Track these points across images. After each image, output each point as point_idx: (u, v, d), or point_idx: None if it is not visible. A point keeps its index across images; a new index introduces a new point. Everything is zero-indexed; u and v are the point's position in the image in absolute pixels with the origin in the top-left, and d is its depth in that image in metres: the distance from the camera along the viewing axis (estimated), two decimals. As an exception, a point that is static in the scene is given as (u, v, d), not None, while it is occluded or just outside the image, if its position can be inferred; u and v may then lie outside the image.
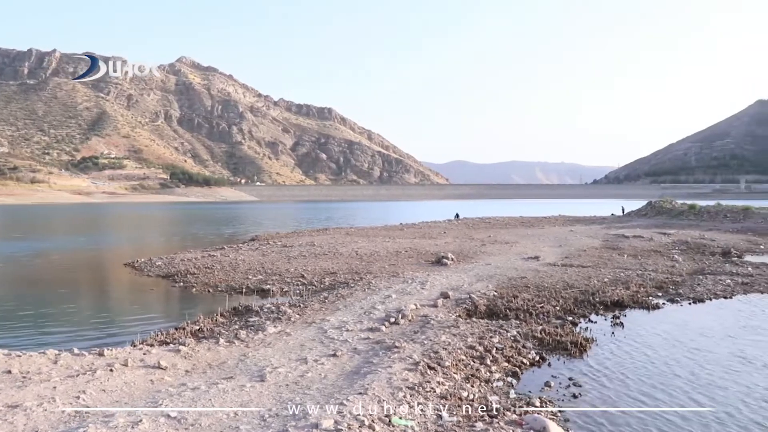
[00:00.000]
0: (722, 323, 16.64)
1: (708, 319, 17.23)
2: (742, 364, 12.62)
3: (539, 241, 36.32)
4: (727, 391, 10.99)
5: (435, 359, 11.33)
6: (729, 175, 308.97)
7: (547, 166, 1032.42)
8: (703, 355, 13.24)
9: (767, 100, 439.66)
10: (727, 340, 14.67)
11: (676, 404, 10.33)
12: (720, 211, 57.13)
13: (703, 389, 11.03)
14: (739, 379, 11.66)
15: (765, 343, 14.54)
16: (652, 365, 12.58)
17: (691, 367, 12.40)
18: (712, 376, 11.84)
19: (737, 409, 10.05)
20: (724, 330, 15.80)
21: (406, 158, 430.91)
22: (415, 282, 20.43)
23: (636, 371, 12.16)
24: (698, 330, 15.79)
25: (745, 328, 16.16)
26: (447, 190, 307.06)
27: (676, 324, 16.55)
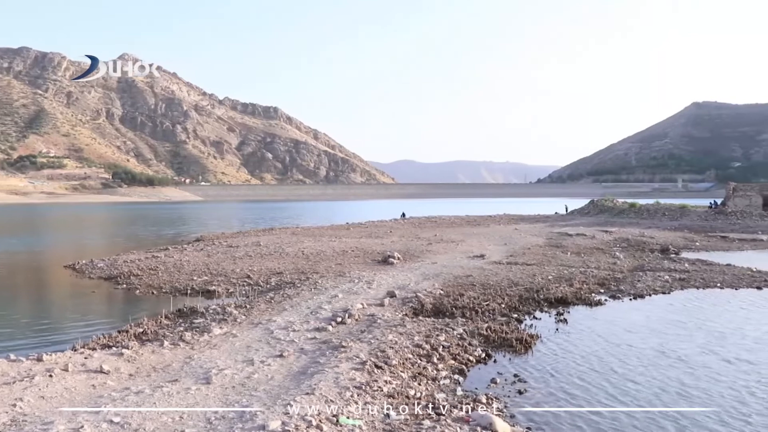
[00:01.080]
0: (661, 319, 17.10)
1: (648, 315, 17.67)
2: (679, 360, 13.00)
3: (485, 239, 36.70)
4: (667, 386, 11.31)
5: (382, 358, 11.36)
6: (667, 174, 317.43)
7: (492, 165, 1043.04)
8: (642, 352, 13.57)
9: (702, 102, 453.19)
10: (666, 336, 15.07)
11: (617, 401, 10.58)
12: (659, 210, 58.65)
13: (642, 386, 11.32)
14: (672, 374, 12.01)
15: (699, 338, 15.00)
16: (595, 361, 12.85)
17: (631, 363, 12.70)
18: (650, 372, 12.16)
19: (672, 406, 10.33)
20: (663, 326, 16.24)
21: (352, 158, 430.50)
22: (362, 281, 20.44)
23: (579, 367, 12.40)
24: (638, 326, 16.18)
25: (684, 323, 16.66)
26: (393, 190, 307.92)
27: (618, 320, 16.94)
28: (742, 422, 9.43)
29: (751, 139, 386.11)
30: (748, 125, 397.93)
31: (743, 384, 11.18)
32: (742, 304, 19.27)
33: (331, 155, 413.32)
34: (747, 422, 9.43)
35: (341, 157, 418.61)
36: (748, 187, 62.40)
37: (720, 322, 16.58)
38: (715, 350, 13.60)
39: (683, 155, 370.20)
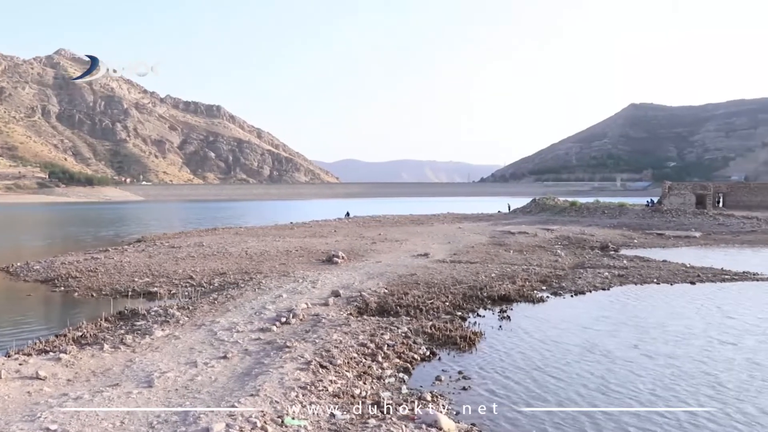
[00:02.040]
0: (601, 315, 17.51)
1: (588, 311, 18.08)
2: (618, 357, 13.35)
3: (429, 238, 36.94)
4: (606, 383, 11.60)
5: (327, 358, 11.35)
6: (606, 173, 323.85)
7: (436, 164, 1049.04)
8: (582, 349, 13.88)
9: (639, 104, 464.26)
10: (605, 333, 15.46)
11: (558, 398, 10.80)
12: (598, 208, 59.85)
13: (583, 383, 11.58)
14: (611, 371, 12.32)
15: (636, 334, 15.41)
16: (537, 358, 13.09)
17: (571, 360, 12.99)
18: (590, 369, 12.46)
19: (611, 402, 10.60)
20: (602, 322, 16.65)
21: (296, 157, 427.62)
22: (306, 281, 20.37)
23: (522, 364, 12.62)
24: (579, 323, 16.54)
25: (622, 319, 17.11)
26: (337, 189, 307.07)
27: (560, 316, 17.28)
28: (669, 420, 9.74)
29: (684, 140, 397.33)
30: (682, 126, 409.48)
31: (680, 381, 11.54)
32: (676, 298, 19.88)
33: (275, 154, 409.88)
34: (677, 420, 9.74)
35: (285, 157, 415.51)
36: (682, 186, 64.22)
37: (656, 318, 17.07)
38: (650, 346, 14.02)
39: (621, 155, 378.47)
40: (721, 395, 10.60)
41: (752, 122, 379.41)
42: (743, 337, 14.67)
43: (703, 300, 19.58)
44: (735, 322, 16.24)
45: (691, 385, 11.12)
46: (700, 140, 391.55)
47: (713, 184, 68.36)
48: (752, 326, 15.81)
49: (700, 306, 18.65)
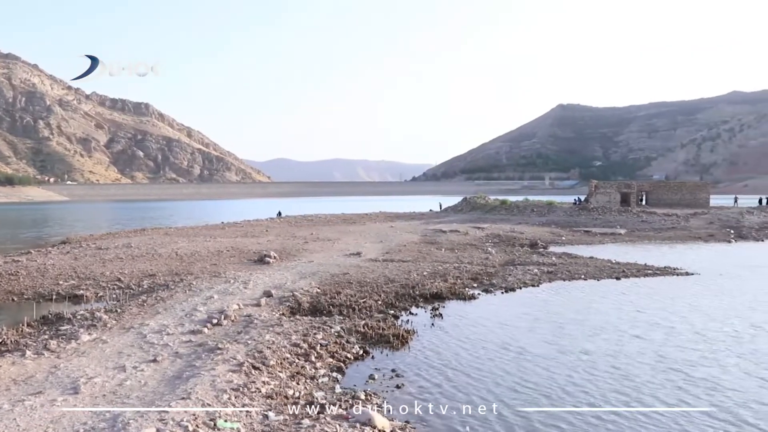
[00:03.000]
0: (530, 311, 17.90)
1: (518, 307, 18.46)
2: (548, 354, 13.67)
3: (361, 237, 37.00)
4: (533, 379, 11.85)
5: (259, 359, 11.27)
6: (536, 172, 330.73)
7: (368, 163, 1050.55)
8: (513, 345, 14.17)
9: (567, 104, 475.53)
10: (534, 329, 15.83)
11: (490, 395, 10.98)
12: (528, 206, 60.91)
13: (513, 381, 11.81)
14: (541, 367, 12.60)
15: (564, 330, 15.81)
16: (469, 355, 13.29)
17: (502, 357, 13.24)
18: (520, 366, 12.72)
19: (538, 401, 10.85)
20: (532, 319, 17.03)
21: (227, 156, 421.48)
22: (238, 281, 20.14)
23: (454, 361, 12.79)
24: (509, 319, 16.88)
25: (550, 314, 17.51)
26: (269, 188, 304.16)
27: (490, 313, 17.58)
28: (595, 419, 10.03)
29: (610, 140, 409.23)
30: (607, 127, 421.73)
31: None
32: (601, 294, 20.47)
33: (206, 153, 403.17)
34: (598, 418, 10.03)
35: (216, 156, 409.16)
36: (608, 185, 66.02)
37: (580, 314, 17.56)
38: (565, 342, 14.43)
39: (550, 154, 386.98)
40: (628, 390, 10.92)
41: (672, 124, 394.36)
42: (653, 331, 15.24)
43: (624, 295, 20.30)
44: (647, 317, 16.88)
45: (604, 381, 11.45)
46: (624, 140, 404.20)
47: (637, 183, 70.56)
48: (662, 320, 16.46)
49: (624, 301, 19.30)
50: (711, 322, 16.23)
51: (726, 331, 15.21)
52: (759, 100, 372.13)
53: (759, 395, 10.67)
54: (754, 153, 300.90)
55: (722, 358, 12.88)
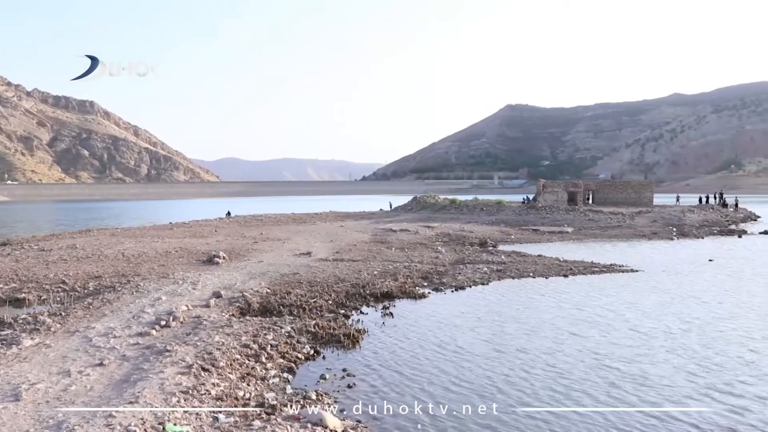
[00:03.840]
0: (479, 310, 18.09)
1: (468, 306, 18.62)
2: (493, 352, 13.86)
3: (311, 237, 36.86)
4: (482, 379, 11.98)
5: (209, 360, 11.14)
6: (485, 171, 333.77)
7: (318, 163, 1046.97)
8: (462, 344, 14.32)
9: (515, 105, 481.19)
10: (481, 328, 16.00)
11: (439, 394, 11.06)
12: (477, 205, 61.41)
13: (460, 379, 11.93)
14: (485, 365, 12.75)
15: (511, 328, 16.02)
16: (419, 354, 13.38)
17: (451, 355, 13.36)
18: (467, 365, 12.85)
19: (485, 400, 10.97)
20: (480, 317, 17.21)
21: (175, 155, 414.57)
22: (187, 282, 19.88)
23: (404, 360, 12.87)
24: (459, 318, 17.04)
25: (498, 313, 17.72)
26: (218, 188, 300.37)
27: (441, 312, 17.72)
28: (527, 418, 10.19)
29: (557, 140, 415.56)
30: (554, 127, 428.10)
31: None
32: (551, 292, 20.81)
33: (153, 153, 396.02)
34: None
35: (164, 155, 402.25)
36: (555, 184, 67.03)
37: (529, 312, 17.81)
38: (504, 341, 14.65)
39: (499, 154, 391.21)
40: (562, 388, 11.12)
41: (617, 124, 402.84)
42: (591, 329, 15.56)
43: (569, 294, 20.67)
44: (587, 314, 17.24)
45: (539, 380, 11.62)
46: (571, 140, 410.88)
47: (583, 182, 71.75)
48: (601, 317, 16.86)
49: (569, 299, 19.65)
50: (647, 318, 16.64)
51: (659, 327, 15.60)
52: (698, 102, 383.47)
53: (686, 390, 10.96)
54: (695, 153, 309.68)
55: (654, 354, 13.20)
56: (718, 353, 13.22)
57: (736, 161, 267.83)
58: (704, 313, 17.24)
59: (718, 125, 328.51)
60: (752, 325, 15.84)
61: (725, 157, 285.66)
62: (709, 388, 11.01)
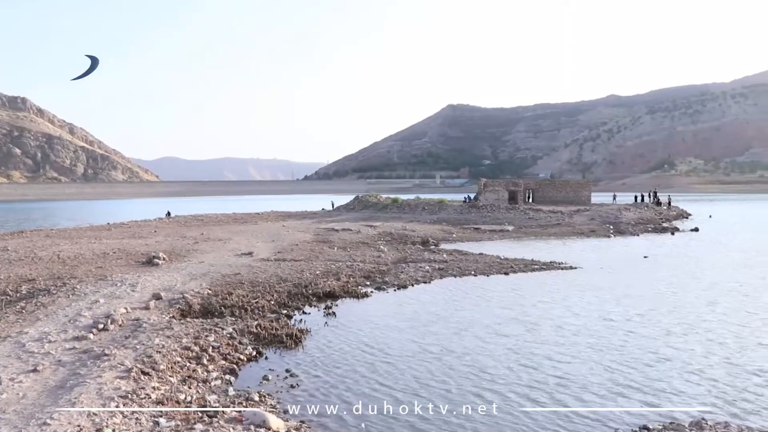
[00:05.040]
0: (421, 309, 18.24)
1: (409, 305, 18.77)
2: (432, 351, 13.97)
3: (253, 237, 36.54)
4: (423, 379, 12.08)
5: (149, 364, 10.95)
6: (427, 171, 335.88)
7: (259, 162, 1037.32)
8: (403, 343, 14.40)
9: (457, 104, 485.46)
10: (421, 327, 16.14)
11: (382, 393, 11.11)
12: (419, 204, 61.73)
13: (403, 379, 12.00)
14: (425, 366, 12.88)
15: (449, 327, 16.18)
16: (362, 353, 13.44)
17: (393, 355, 13.43)
18: (409, 364, 12.95)
19: (427, 399, 11.06)
20: (421, 316, 17.33)
21: (113, 154, 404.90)
22: (125, 284, 19.47)
23: (347, 359, 12.90)
24: (401, 316, 17.16)
25: (438, 312, 17.89)
26: (158, 188, 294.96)
27: (383, 311, 17.83)
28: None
29: (498, 140, 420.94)
30: (495, 127, 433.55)
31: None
32: (491, 290, 21.10)
33: (90, 151, 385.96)
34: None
35: (101, 154, 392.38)
36: (496, 183, 67.88)
37: (464, 312, 18.01)
38: (461, 340, 14.86)
39: (441, 153, 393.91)
40: (480, 388, 11.23)
41: (556, 124, 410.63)
42: (513, 326, 15.84)
43: (509, 291, 21.09)
44: (512, 312, 17.52)
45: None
46: (511, 140, 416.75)
47: (524, 181, 72.88)
48: (523, 315, 17.15)
49: (505, 297, 20.06)
50: (573, 317, 16.94)
51: (588, 325, 15.94)
52: (634, 103, 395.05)
53: (602, 388, 11.17)
54: (630, 153, 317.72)
55: (576, 353, 13.42)
56: (640, 350, 13.57)
57: (668, 161, 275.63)
58: (633, 311, 17.67)
59: (652, 126, 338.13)
60: (678, 322, 16.33)
61: (659, 157, 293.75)
62: (625, 386, 11.23)
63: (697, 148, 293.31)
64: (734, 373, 11.96)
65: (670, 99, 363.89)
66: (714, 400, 10.52)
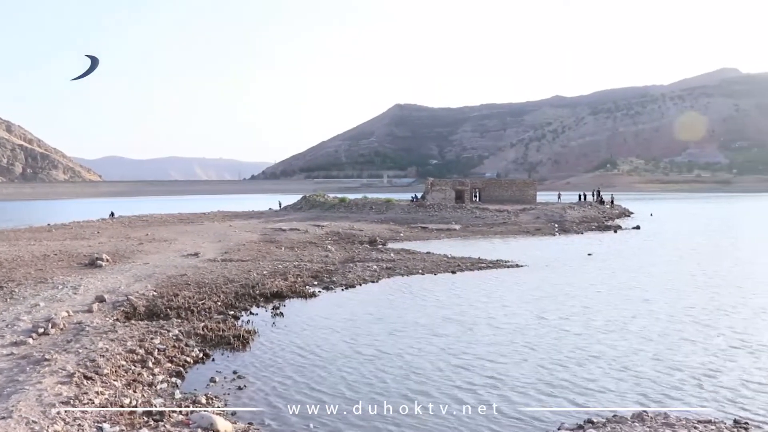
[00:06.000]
0: (367, 308, 18.31)
1: (357, 305, 18.80)
2: (376, 352, 14.01)
3: (199, 237, 36.10)
4: (371, 379, 12.10)
5: (92, 368, 10.71)
6: (374, 170, 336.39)
7: (206, 162, 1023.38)
8: (349, 343, 14.47)
9: (404, 104, 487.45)
10: (367, 326, 16.22)
11: (329, 394, 11.12)
12: (366, 204, 61.79)
13: (351, 378, 12.03)
14: (370, 367, 12.92)
15: (405, 327, 16.27)
16: (310, 353, 13.43)
17: (340, 354, 13.46)
18: (351, 363, 12.99)
19: (373, 398, 11.09)
20: (367, 316, 17.40)
21: (53, 153, 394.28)
22: (67, 287, 19.01)
23: (296, 360, 12.88)
24: (349, 316, 17.20)
25: (383, 312, 17.97)
26: (101, 188, 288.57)
27: (331, 311, 17.83)
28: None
29: (445, 139, 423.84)
30: (442, 126, 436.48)
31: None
32: (435, 289, 21.27)
33: (29, 150, 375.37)
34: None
35: (41, 153, 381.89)
36: (443, 183, 68.41)
37: (411, 312, 18.10)
38: (405, 339, 14.96)
39: (388, 153, 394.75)
40: (411, 389, 11.24)
41: (502, 124, 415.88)
42: (448, 327, 15.93)
43: (454, 289, 21.32)
44: (449, 312, 17.62)
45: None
46: (458, 140, 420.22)
47: (470, 181, 73.61)
48: (459, 315, 17.28)
49: (447, 296, 20.29)
50: (511, 316, 17.12)
51: (519, 324, 16.14)
52: (577, 104, 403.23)
53: (534, 386, 11.28)
54: (574, 153, 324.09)
55: (509, 352, 13.51)
56: (572, 348, 13.73)
57: (611, 161, 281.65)
58: (571, 309, 17.92)
59: (595, 127, 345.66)
60: (612, 319, 16.67)
61: (602, 156, 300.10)
62: (553, 385, 11.31)
63: (638, 149, 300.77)
64: (659, 368, 12.23)
65: (612, 100, 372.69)
66: (639, 397, 10.69)
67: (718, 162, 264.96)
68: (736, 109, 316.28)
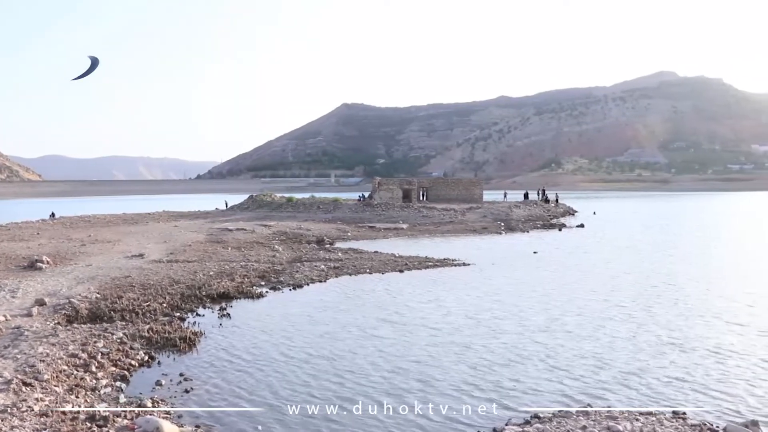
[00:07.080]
0: (315, 309, 18.23)
1: (304, 306, 18.72)
2: (327, 353, 13.98)
3: (143, 238, 35.48)
4: (315, 380, 12.07)
5: (31, 374, 10.44)
6: (321, 170, 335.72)
7: (150, 161, 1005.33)
8: (298, 344, 14.37)
9: (351, 104, 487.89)
10: (319, 326, 16.15)
11: (278, 396, 11.06)
12: (314, 203, 61.59)
13: (298, 380, 11.98)
14: (321, 368, 12.91)
15: (344, 325, 16.28)
16: (257, 354, 13.36)
17: (288, 356, 13.37)
18: (303, 366, 12.95)
19: (322, 401, 11.07)
20: (315, 316, 17.36)
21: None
22: (5, 290, 18.46)
23: (243, 362, 12.80)
24: (295, 316, 17.15)
25: (330, 312, 17.96)
26: (40, 188, 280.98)
27: (278, 311, 17.78)
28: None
29: (392, 139, 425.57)
30: (389, 126, 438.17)
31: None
32: (380, 288, 21.37)
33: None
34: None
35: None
36: (390, 182, 68.45)
37: (351, 314, 18.00)
38: (346, 341, 14.92)
39: (335, 152, 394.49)
40: (352, 389, 11.23)
41: (449, 124, 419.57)
42: (385, 328, 15.91)
43: (399, 289, 21.43)
44: (391, 312, 17.64)
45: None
46: (405, 139, 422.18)
47: (417, 180, 73.87)
48: (398, 315, 17.26)
49: (397, 296, 20.34)
50: (449, 316, 17.12)
51: (457, 324, 16.18)
52: (523, 105, 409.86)
53: (458, 387, 11.27)
54: (520, 152, 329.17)
55: (443, 353, 13.47)
56: (505, 348, 13.77)
57: (556, 160, 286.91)
58: (510, 309, 17.99)
59: (541, 127, 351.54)
60: (552, 317, 16.85)
61: (547, 156, 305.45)
62: (478, 387, 11.28)
63: (582, 148, 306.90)
64: (597, 365, 12.42)
65: (557, 101, 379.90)
66: (582, 395, 10.78)
67: (658, 162, 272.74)
68: (675, 110, 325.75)
